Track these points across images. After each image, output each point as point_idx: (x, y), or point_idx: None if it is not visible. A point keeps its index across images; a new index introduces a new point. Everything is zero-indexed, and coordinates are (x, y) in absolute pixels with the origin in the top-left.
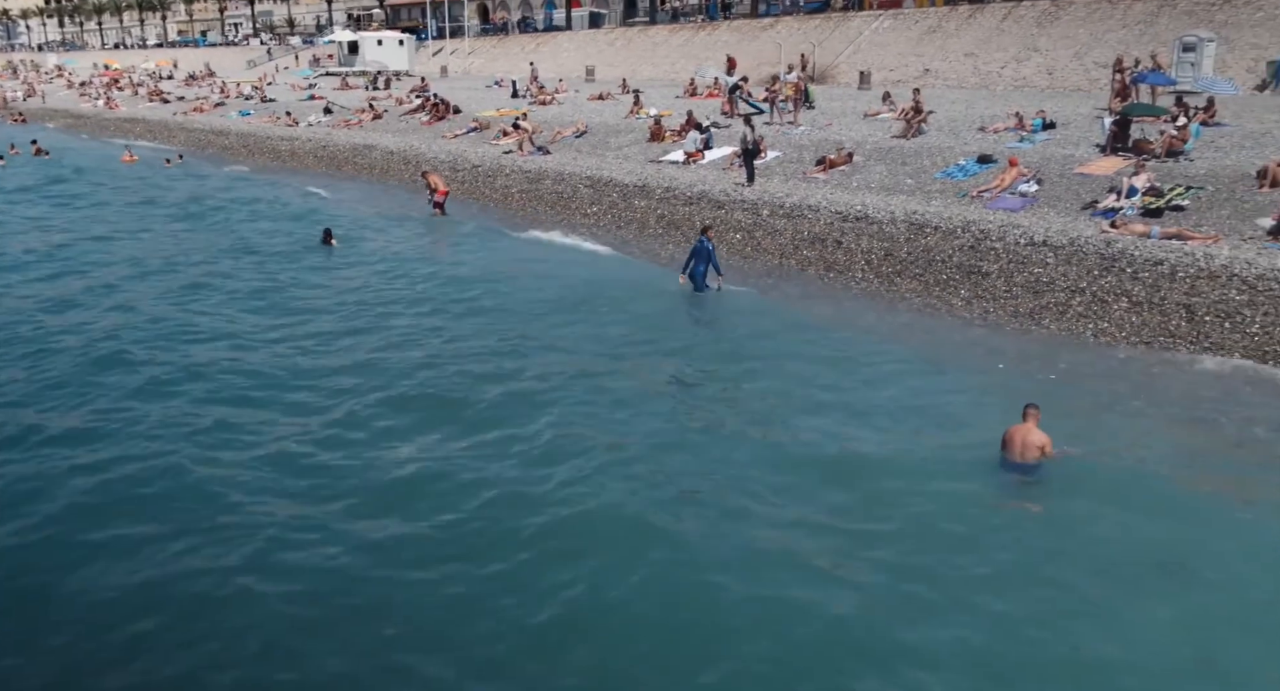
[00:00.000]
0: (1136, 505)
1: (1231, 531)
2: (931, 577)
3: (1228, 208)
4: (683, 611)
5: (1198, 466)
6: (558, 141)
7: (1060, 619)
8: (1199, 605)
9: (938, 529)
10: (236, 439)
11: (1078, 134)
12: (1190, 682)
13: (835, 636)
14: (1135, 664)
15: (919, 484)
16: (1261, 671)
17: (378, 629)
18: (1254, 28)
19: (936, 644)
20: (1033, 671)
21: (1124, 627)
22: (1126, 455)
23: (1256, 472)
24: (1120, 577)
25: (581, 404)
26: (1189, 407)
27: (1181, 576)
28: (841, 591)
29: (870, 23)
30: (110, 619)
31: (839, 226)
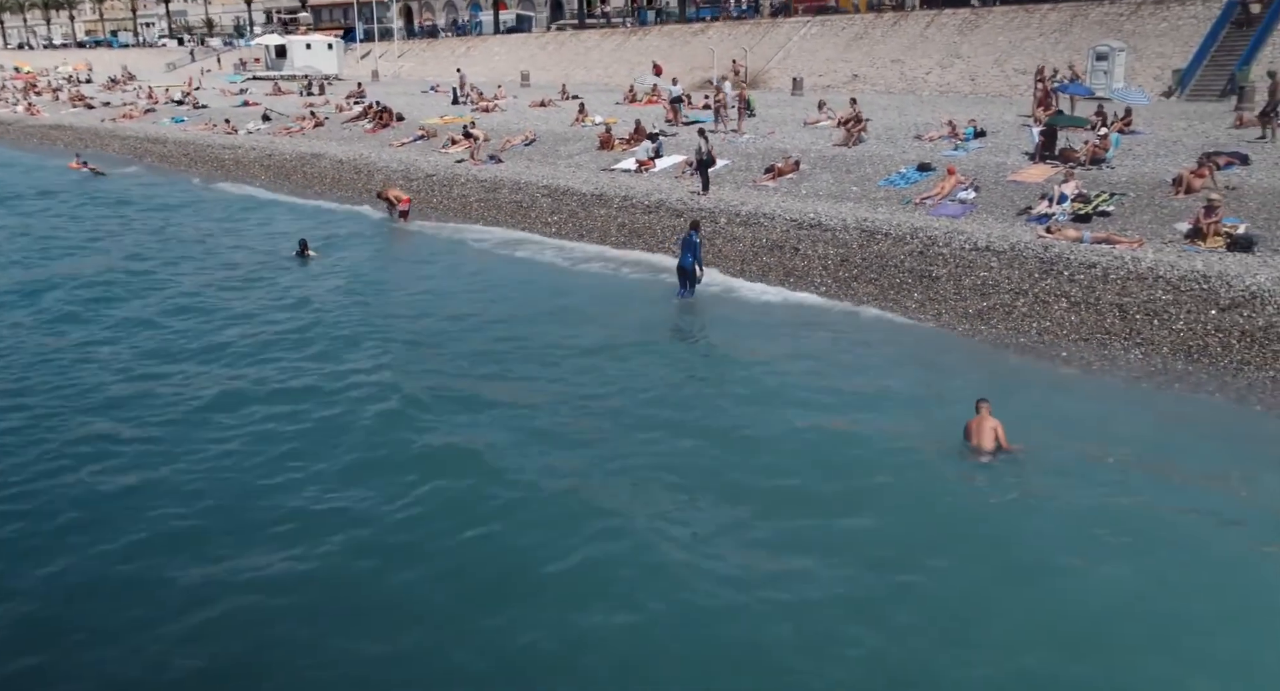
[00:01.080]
0: (1083, 482)
1: (1169, 501)
2: (912, 552)
3: (1148, 213)
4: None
5: (1134, 448)
6: (507, 149)
7: (1026, 577)
8: (1148, 565)
9: (915, 509)
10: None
11: (1007, 141)
12: (1149, 629)
13: (830, 603)
14: (1097, 613)
15: (897, 472)
16: (1207, 617)
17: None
18: (1159, 37)
19: (917, 607)
20: (1005, 624)
21: (1081, 585)
22: (1071, 441)
23: (1189, 454)
24: (1074, 542)
25: (570, 405)
26: (1125, 398)
27: (1124, 542)
28: (828, 569)
29: (799, 29)
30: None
31: (795, 234)
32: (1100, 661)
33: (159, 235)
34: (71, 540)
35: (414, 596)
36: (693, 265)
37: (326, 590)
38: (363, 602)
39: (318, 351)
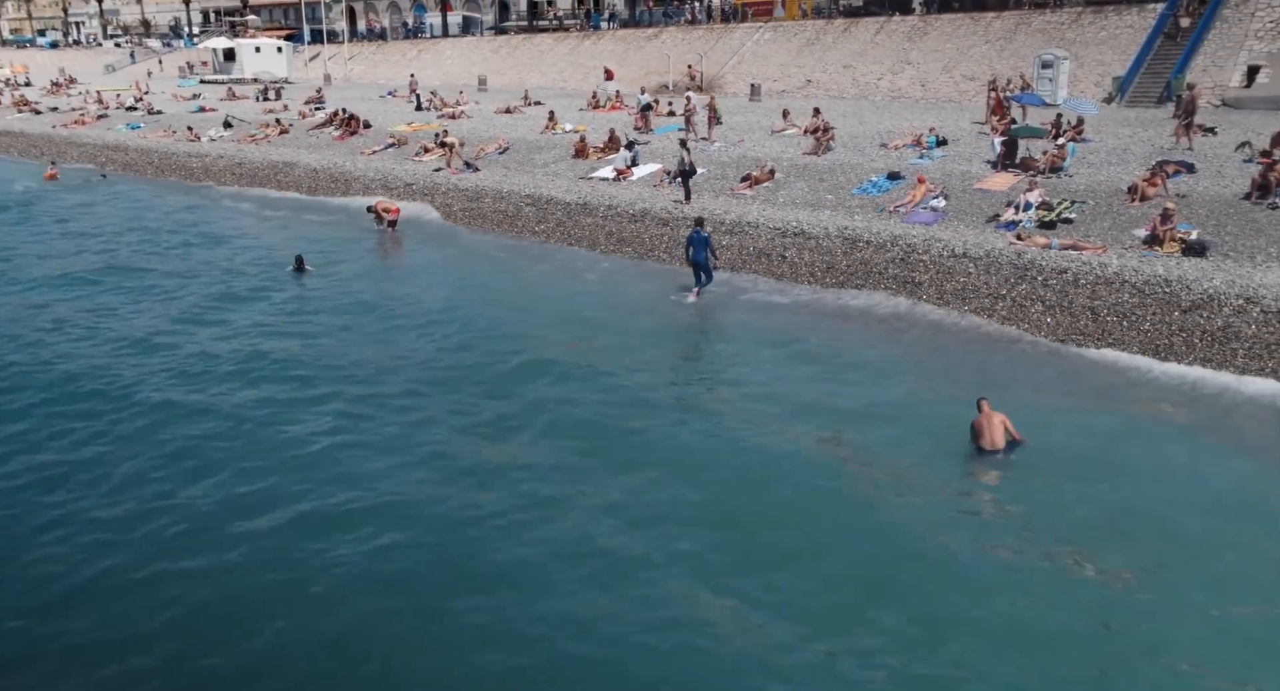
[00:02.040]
0: (1085, 475)
1: (1161, 487)
2: (934, 547)
3: (1107, 220)
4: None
5: (1121, 441)
6: (481, 158)
7: (1043, 567)
8: (1150, 547)
9: (930, 506)
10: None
11: (968, 150)
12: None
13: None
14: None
15: (912, 470)
16: (1201, 592)
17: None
18: (1099, 46)
19: (937, 594)
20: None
21: (1097, 568)
22: (1062, 435)
23: (1169, 444)
24: (1086, 531)
25: (580, 412)
26: (1105, 394)
27: (1128, 527)
28: (846, 557)
29: (752, 34)
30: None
31: (780, 241)
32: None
33: (145, 245)
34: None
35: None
36: (704, 259)
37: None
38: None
39: (324, 368)
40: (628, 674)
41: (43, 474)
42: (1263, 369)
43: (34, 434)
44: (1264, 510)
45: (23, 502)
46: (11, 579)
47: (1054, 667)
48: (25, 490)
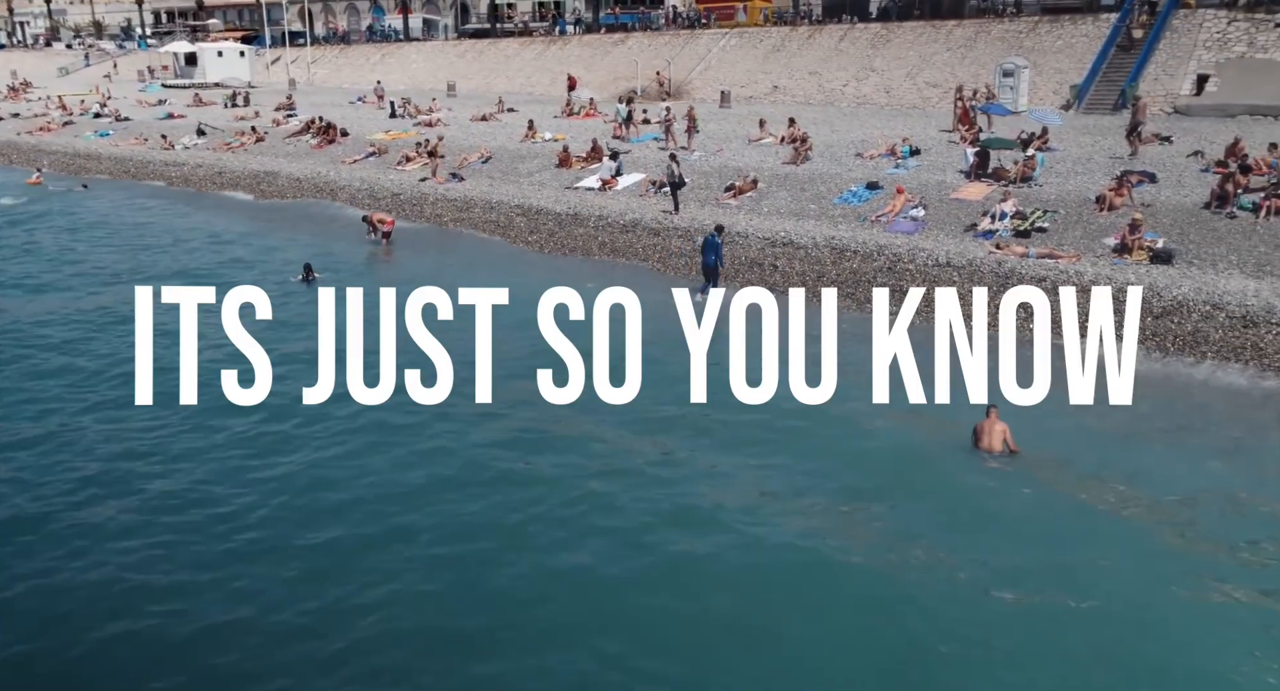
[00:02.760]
0: (1079, 474)
1: (1156, 483)
2: (940, 541)
3: (1078, 229)
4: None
5: (1113, 444)
6: (465, 167)
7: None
8: (1142, 540)
9: (942, 500)
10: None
11: (941, 160)
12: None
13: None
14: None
15: (917, 467)
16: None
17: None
18: (1056, 54)
19: (938, 581)
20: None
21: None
22: (1058, 438)
23: (1162, 445)
24: (1080, 526)
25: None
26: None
27: (1120, 525)
28: (856, 553)
29: (718, 40)
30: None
31: (770, 251)
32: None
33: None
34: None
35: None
36: (715, 263)
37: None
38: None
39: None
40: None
41: (68, 473)
42: (1230, 370)
43: (63, 436)
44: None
45: (51, 507)
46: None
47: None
48: (56, 496)
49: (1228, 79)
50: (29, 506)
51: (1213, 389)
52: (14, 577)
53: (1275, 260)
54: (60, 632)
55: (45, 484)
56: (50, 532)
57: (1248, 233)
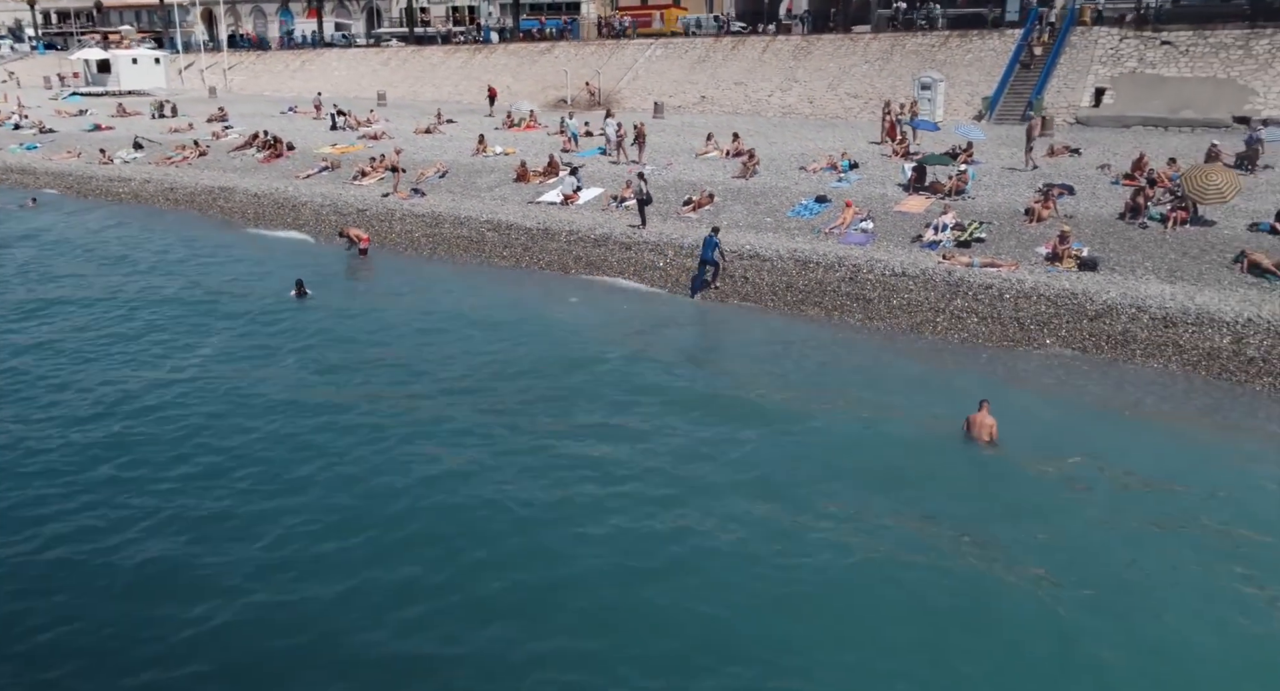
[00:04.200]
0: (1054, 460)
1: (1121, 462)
2: (932, 521)
3: (1012, 239)
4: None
5: (1078, 430)
6: (422, 181)
7: (1019, 527)
8: (1112, 512)
9: (939, 485)
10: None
11: (879, 173)
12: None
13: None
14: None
15: (916, 457)
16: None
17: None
18: (967, 67)
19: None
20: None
21: (1061, 531)
22: (1026, 428)
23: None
24: (1054, 502)
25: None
26: (1047, 389)
27: (1090, 500)
28: (856, 536)
29: (644, 50)
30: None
31: (739, 264)
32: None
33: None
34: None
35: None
36: (713, 257)
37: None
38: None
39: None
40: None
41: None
42: (1156, 366)
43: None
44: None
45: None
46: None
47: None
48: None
49: (1122, 92)
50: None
51: (1144, 382)
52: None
53: (1184, 266)
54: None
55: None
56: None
57: (1159, 241)
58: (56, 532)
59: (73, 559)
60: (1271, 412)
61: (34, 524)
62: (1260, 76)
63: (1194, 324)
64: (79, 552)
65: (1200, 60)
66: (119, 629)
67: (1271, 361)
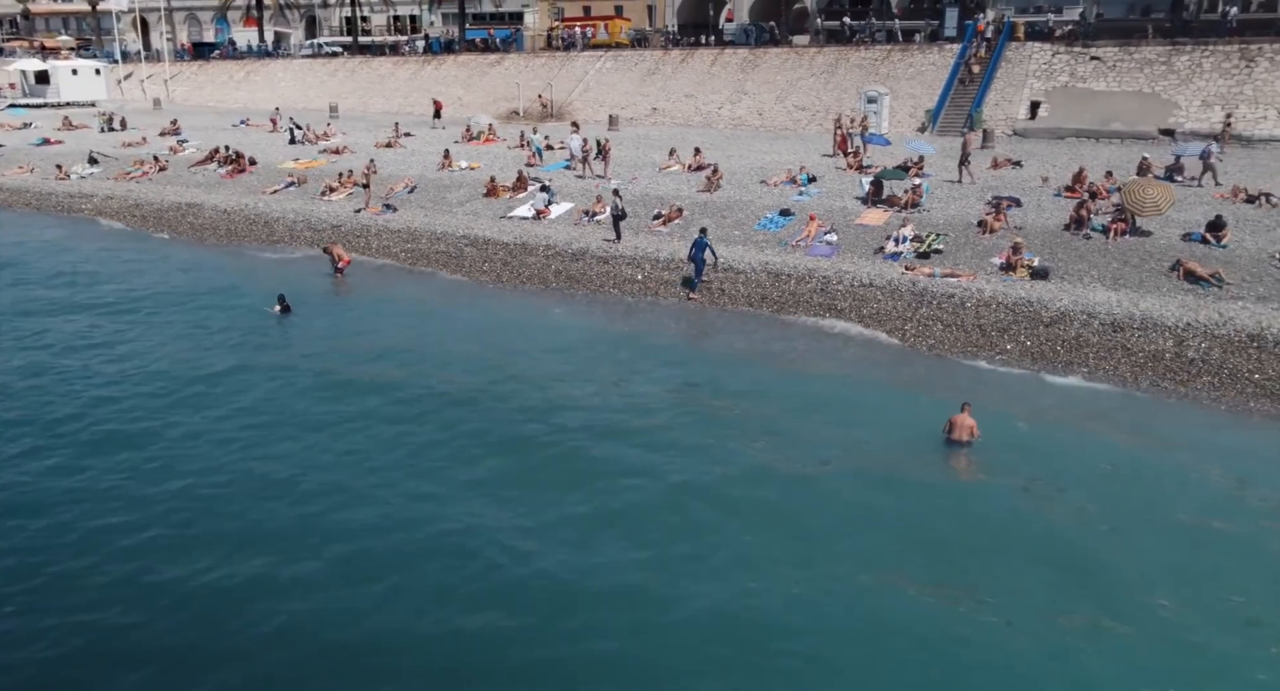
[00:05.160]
0: (1031, 459)
1: (1079, 460)
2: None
3: (968, 250)
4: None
5: (1041, 428)
6: (391, 196)
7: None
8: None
9: (922, 482)
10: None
11: (837, 187)
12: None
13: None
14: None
15: (903, 456)
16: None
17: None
18: (909, 81)
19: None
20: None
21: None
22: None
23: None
24: (1032, 495)
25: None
26: (1019, 396)
27: (1060, 490)
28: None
29: (594, 63)
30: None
31: (713, 276)
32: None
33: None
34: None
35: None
36: (702, 257)
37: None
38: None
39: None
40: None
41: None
42: (1108, 369)
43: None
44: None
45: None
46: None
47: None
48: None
49: (1056, 105)
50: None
51: (1094, 384)
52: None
53: (1127, 274)
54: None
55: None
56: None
57: (1102, 251)
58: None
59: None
60: (1202, 409)
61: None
62: (1182, 91)
63: (1139, 328)
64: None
65: (1127, 75)
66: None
67: (1210, 362)
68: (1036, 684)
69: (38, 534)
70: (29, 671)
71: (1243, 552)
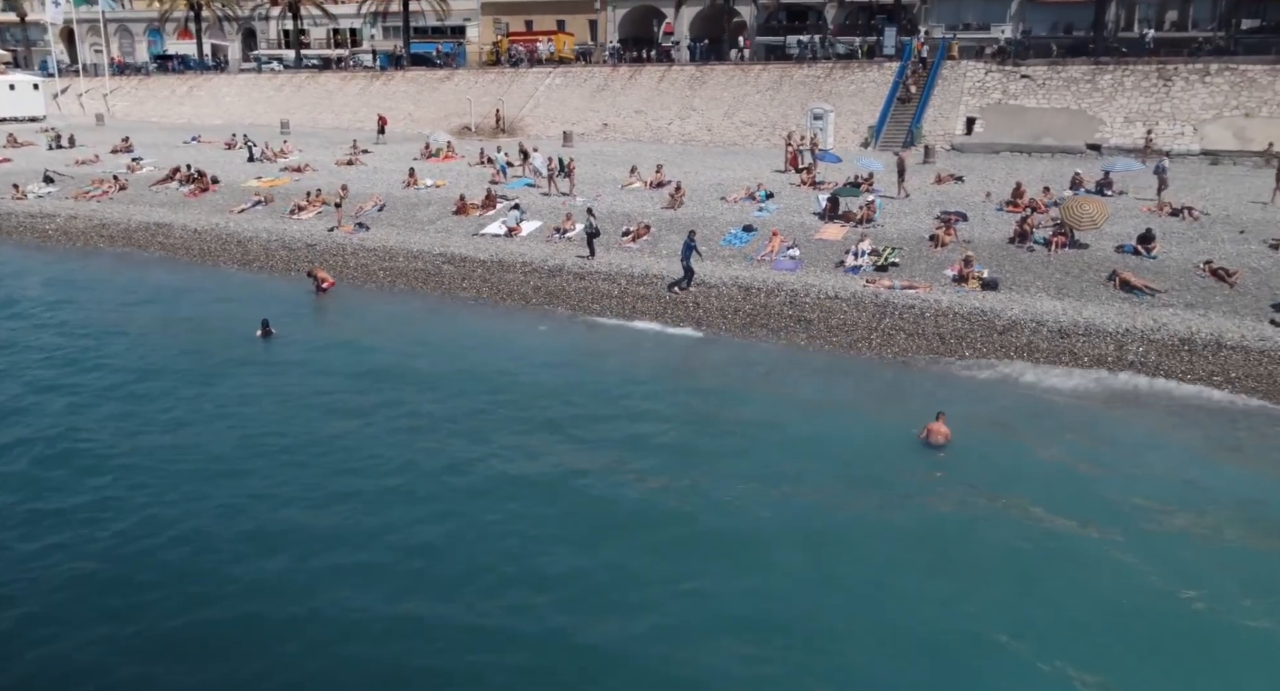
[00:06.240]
0: (996, 460)
1: (1036, 463)
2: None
3: (922, 263)
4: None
5: (998, 428)
6: (361, 215)
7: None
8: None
9: (904, 481)
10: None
11: (794, 203)
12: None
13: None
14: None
15: (883, 460)
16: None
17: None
18: (851, 98)
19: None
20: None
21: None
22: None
23: (1030, 426)
24: (1001, 488)
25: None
26: (978, 397)
27: (1026, 483)
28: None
29: (544, 79)
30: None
31: (690, 293)
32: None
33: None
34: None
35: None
36: (690, 261)
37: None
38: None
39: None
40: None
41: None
42: (1062, 370)
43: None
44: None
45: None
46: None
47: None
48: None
49: (990, 121)
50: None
51: (1047, 386)
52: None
53: (1068, 284)
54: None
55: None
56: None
57: (1045, 263)
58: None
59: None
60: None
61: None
62: (1106, 108)
63: (1084, 335)
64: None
65: (1055, 92)
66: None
67: (1147, 365)
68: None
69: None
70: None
71: (1194, 536)
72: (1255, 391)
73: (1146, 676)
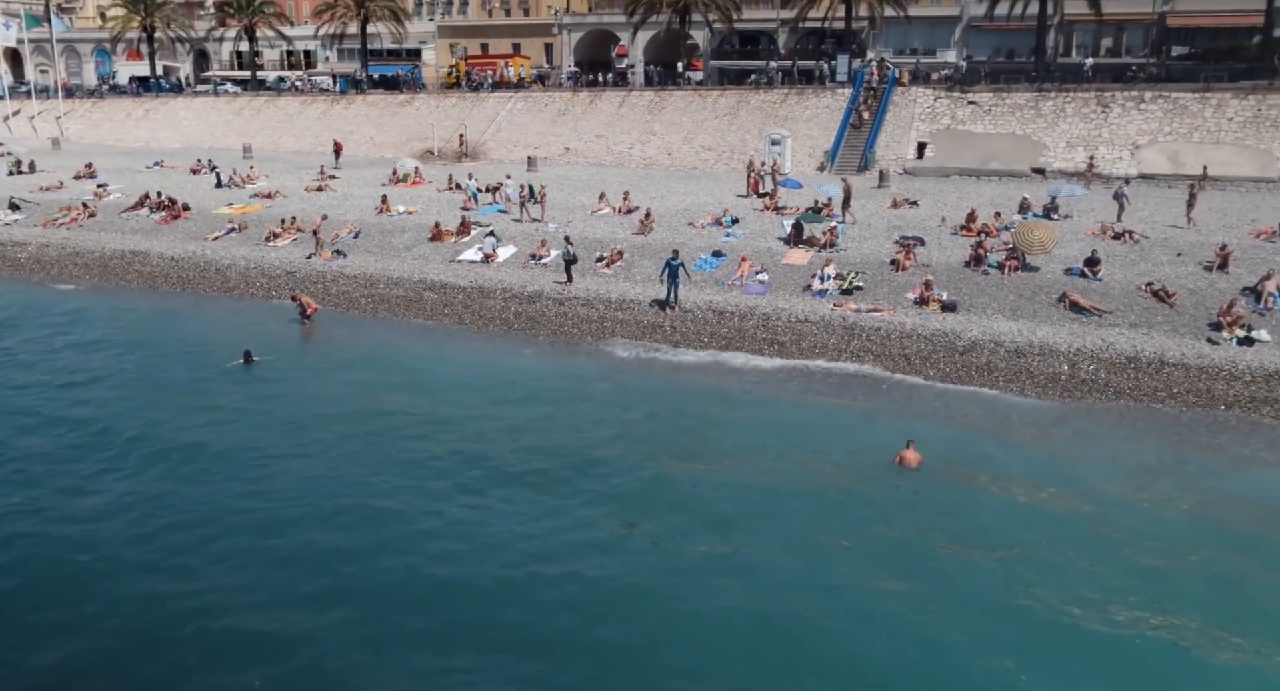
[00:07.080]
0: (965, 479)
1: (1024, 474)
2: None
3: (884, 287)
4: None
5: (969, 447)
6: (336, 242)
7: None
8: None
9: (877, 502)
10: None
11: (759, 228)
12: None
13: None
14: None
15: (859, 484)
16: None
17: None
18: (806, 123)
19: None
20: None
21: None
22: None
23: (1001, 449)
24: (977, 505)
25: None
26: (945, 415)
27: (1009, 496)
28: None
29: (505, 103)
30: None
31: (664, 316)
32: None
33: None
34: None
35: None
36: (675, 283)
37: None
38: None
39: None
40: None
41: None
42: (1018, 388)
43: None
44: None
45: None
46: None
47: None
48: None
49: (941, 146)
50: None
51: (1009, 403)
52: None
53: (1022, 306)
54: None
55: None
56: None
57: (999, 286)
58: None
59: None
60: (1108, 421)
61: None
62: (1049, 133)
63: (1039, 354)
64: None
65: (1001, 118)
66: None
67: (1098, 382)
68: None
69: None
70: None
71: (1145, 528)
72: (1195, 404)
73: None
